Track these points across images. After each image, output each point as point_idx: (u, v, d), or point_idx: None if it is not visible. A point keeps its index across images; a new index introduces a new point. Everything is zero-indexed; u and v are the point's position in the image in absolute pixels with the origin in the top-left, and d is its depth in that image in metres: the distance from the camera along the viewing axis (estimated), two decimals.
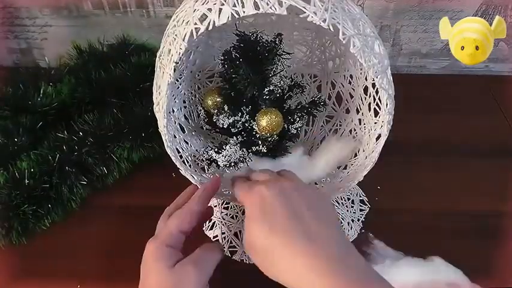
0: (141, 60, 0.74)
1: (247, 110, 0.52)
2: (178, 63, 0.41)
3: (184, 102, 0.56)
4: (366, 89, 0.53)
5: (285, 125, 0.52)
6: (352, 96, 0.57)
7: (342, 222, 0.58)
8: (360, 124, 0.55)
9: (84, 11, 0.83)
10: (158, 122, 0.47)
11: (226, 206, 0.59)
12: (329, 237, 0.37)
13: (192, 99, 0.58)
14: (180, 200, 0.48)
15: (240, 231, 0.57)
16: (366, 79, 0.53)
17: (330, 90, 0.61)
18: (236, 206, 0.58)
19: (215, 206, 0.60)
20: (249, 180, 0.45)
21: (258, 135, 0.52)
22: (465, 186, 0.64)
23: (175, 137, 0.50)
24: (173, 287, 0.39)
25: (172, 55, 0.41)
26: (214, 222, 0.59)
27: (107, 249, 0.58)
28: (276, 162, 0.54)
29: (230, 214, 0.58)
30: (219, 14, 0.37)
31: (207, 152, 0.52)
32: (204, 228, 0.60)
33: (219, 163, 0.51)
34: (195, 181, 0.49)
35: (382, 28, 0.84)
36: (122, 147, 0.64)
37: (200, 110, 0.55)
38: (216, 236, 0.58)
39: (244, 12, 0.37)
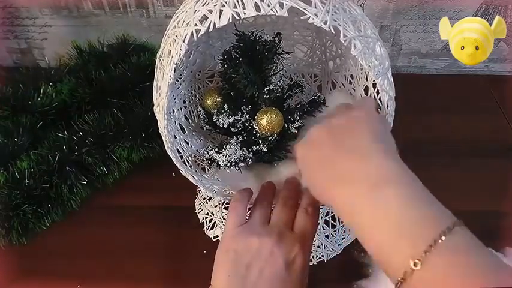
0: (141, 60, 0.74)
1: (247, 109, 0.52)
2: (178, 64, 0.41)
3: (184, 102, 0.56)
4: (366, 89, 0.53)
5: (285, 125, 0.52)
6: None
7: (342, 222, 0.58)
8: None
9: (84, 11, 0.83)
10: (158, 123, 0.47)
11: (226, 206, 0.59)
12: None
13: (192, 99, 0.58)
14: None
15: None
16: (367, 79, 0.52)
17: (331, 90, 0.61)
18: None
19: (215, 206, 0.60)
20: None
21: (258, 135, 0.52)
22: (465, 186, 0.64)
23: (175, 137, 0.50)
24: None
25: (172, 56, 0.40)
26: (215, 222, 0.59)
27: (107, 249, 0.58)
28: (272, 168, 0.54)
29: None
30: (220, 15, 0.37)
31: (207, 152, 0.52)
32: (204, 229, 0.60)
33: (219, 163, 0.51)
34: (195, 181, 0.49)
35: (382, 28, 0.84)
36: (122, 147, 0.64)
37: (200, 110, 0.55)
38: (217, 236, 0.58)
39: (245, 13, 0.37)
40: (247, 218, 0.45)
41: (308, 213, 0.44)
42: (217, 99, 0.53)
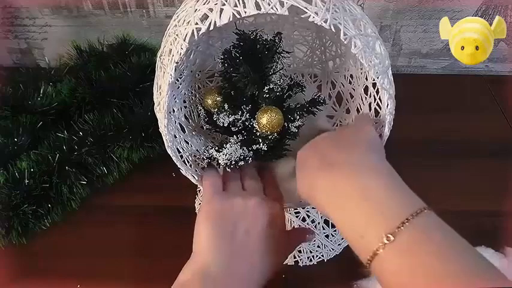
0: (141, 60, 0.74)
1: (248, 108, 0.52)
2: (178, 63, 0.41)
3: (184, 102, 0.56)
4: (366, 89, 0.53)
5: (285, 124, 0.52)
6: (352, 96, 0.57)
7: None
8: None
9: (84, 11, 0.83)
10: (159, 122, 0.47)
11: None
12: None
13: (192, 99, 0.58)
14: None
15: None
16: (367, 79, 0.52)
17: (330, 90, 0.61)
18: None
19: None
20: None
21: (258, 134, 0.52)
22: (465, 186, 0.64)
23: (175, 137, 0.50)
24: None
25: (173, 55, 0.40)
26: None
27: (106, 249, 0.58)
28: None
29: None
30: (220, 14, 0.37)
31: (207, 150, 0.52)
32: None
33: (219, 162, 0.51)
34: (195, 181, 0.49)
35: (382, 28, 0.84)
36: (122, 147, 0.64)
37: (200, 110, 0.55)
38: None
39: (245, 12, 0.37)
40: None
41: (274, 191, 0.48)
42: (218, 99, 0.53)
